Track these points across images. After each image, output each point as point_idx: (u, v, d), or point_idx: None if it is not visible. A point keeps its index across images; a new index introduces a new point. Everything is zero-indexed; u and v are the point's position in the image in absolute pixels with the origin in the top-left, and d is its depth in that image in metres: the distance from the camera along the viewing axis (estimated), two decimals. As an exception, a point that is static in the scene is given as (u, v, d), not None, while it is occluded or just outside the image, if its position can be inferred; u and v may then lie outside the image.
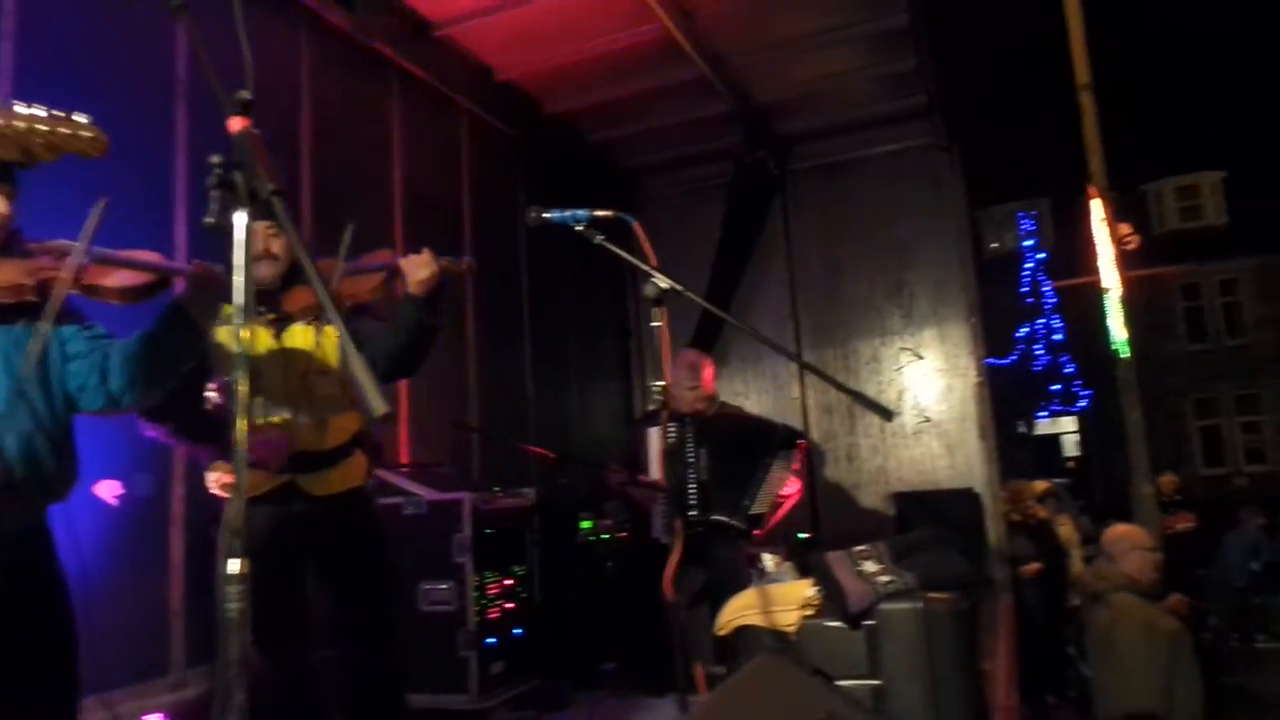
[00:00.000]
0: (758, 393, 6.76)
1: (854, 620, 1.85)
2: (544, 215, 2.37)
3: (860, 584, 1.85)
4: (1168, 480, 9.40)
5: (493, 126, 5.49)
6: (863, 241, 6.60)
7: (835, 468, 6.48)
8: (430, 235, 4.80)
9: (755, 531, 4.41)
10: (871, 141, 6.60)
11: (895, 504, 6.02)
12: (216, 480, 2.52)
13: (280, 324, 2.52)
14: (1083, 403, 19.89)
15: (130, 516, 3.00)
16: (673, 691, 3.89)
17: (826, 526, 6.26)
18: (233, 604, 1.20)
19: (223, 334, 2.41)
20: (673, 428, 4.38)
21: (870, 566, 1.88)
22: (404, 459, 4.35)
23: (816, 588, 1.95)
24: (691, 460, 4.22)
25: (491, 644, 3.71)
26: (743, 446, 4.34)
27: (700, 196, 6.84)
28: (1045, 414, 20.92)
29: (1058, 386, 19.81)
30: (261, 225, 2.56)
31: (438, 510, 3.71)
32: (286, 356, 2.50)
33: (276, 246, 2.59)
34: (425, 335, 2.56)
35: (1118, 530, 4.22)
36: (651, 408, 5.02)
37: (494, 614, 3.78)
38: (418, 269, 2.49)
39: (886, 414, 2.14)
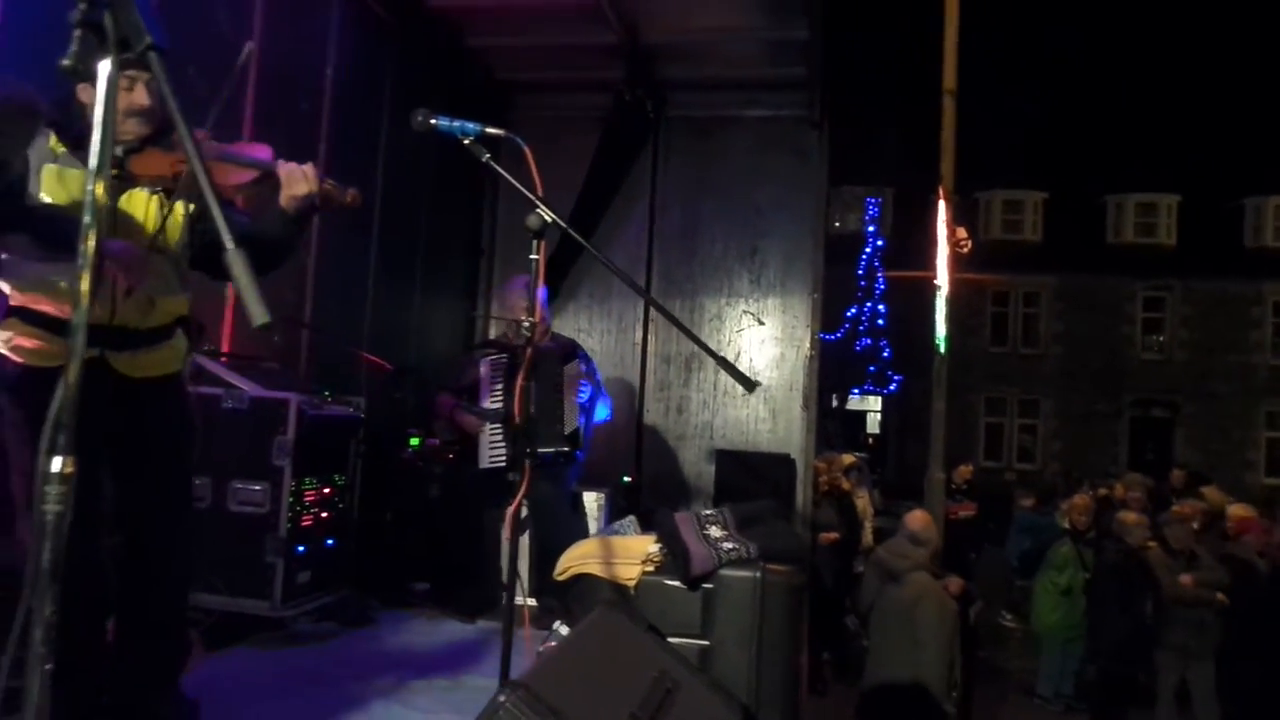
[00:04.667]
0: (601, 332, 6.77)
1: (694, 582, 1.89)
2: (432, 121, 2.23)
3: (704, 548, 1.89)
4: (964, 470, 10.18)
5: (368, 8, 5.12)
6: (724, 201, 6.67)
7: (665, 417, 6.60)
8: (283, 116, 4.47)
9: (579, 453, 4.43)
10: (747, 103, 6.64)
11: (716, 460, 6.21)
12: (7, 341, 2.23)
13: (121, 185, 2.21)
14: (893, 387, 21.23)
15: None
16: (481, 617, 3.91)
17: (648, 472, 6.40)
18: (51, 506, 1.07)
19: (49, 175, 2.13)
20: (504, 358, 4.35)
21: (715, 532, 1.93)
22: (225, 348, 4.06)
23: (659, 545, 1.98)
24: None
25: (301, 552, 3.57)
26: (546, 374, 4.33)
27: (572, 125, 6.66)
28: (858, 392, 22.20)
29: (873, 368, 21.03)
30: (130, 74, 2.30)
31: (261, 408, 3.51)
32: (119, 222, 2.23)
33: (149, 100, 2.31)
34: (281, 251, 2.36)
35: (924, 517, 4.58)
36: (494, 336, 4.91)
37: (308, 522, 3.63)
38: (297, 182, 2.27)
39: (750, 384, 2.16)
